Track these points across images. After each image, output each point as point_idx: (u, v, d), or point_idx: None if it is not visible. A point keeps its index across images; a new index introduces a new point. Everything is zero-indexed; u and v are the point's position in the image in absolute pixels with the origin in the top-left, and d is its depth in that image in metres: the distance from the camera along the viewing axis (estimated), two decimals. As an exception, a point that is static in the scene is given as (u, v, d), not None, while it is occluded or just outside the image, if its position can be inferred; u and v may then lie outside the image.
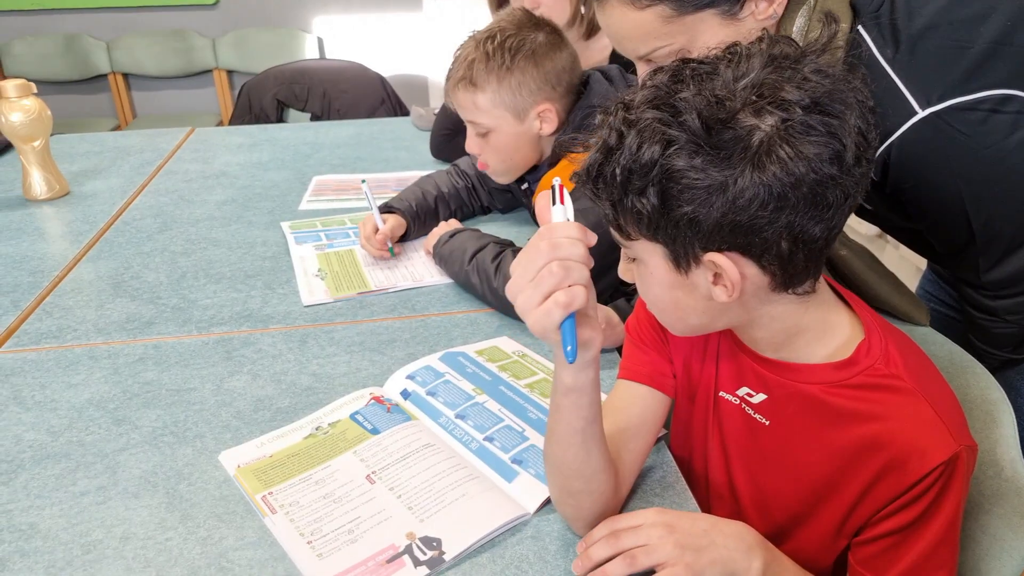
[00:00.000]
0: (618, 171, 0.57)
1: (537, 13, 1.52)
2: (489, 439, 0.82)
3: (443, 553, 0.67)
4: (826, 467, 0.68)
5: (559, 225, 0.57)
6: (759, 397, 0.71)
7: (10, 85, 1.48)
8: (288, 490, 0.75)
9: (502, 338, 1.01)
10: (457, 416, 0.85)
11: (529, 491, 0.74)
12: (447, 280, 1.17)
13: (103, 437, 0.84)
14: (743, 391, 0.73)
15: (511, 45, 1.09)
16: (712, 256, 0.58)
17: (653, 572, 0.62)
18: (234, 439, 0.83)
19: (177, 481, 0.77)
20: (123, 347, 1.02)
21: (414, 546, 0.68)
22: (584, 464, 0.65)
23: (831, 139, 0.55)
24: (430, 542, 0.68)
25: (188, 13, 3.47)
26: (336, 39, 3.57)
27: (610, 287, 1.02)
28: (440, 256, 1.17)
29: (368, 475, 0.76)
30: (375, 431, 0.83)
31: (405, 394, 0.90)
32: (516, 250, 1.10)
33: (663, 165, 0.55)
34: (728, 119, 0.55)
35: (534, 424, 0.83)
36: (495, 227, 1.31)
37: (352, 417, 0.85)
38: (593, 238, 0.58)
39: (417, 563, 0.66)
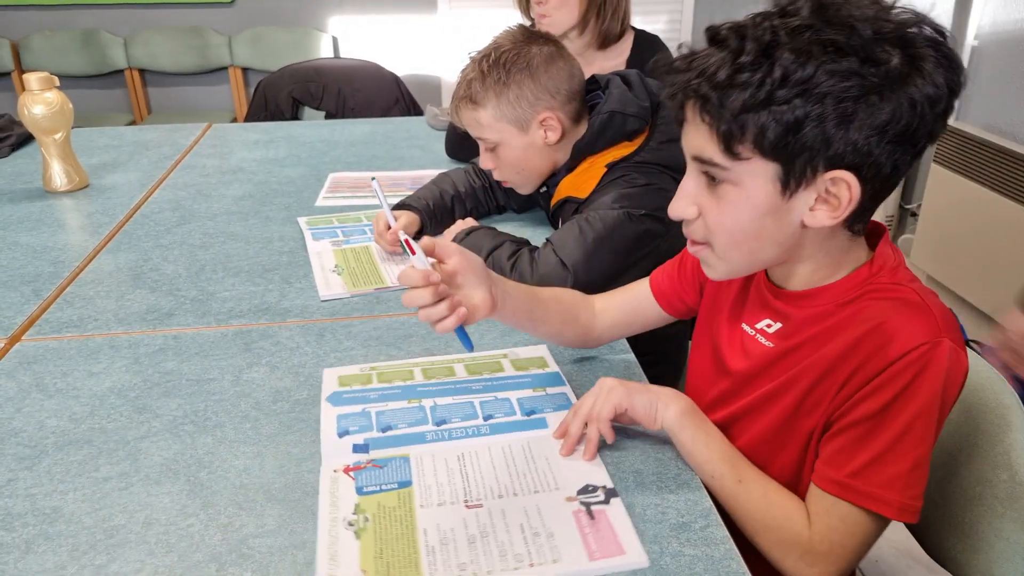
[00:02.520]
0: (768, 81, 0.60)
1: (541, 9, 1.54)
2: (488, 416, 0.84)
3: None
4: (820, 366, 0.71)
5: (410, 272, 0.74)
6: (776, 327, 0.76)
7: (33, 78, 1.50)
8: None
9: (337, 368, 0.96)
10: (437, 424, 0.84)
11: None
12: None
13: (124, 425, 0.85)
14: (763, 323, 0.78)
15: (506, 60, 1.12)
16: (837, 173, 0.63)
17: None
18: (253, 429, 0.84)
19: (198, 469, 0.78)
20: (143, 337, 1.03)
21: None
22: (537, 332, 0.92)
23: (953, 72, 0.61)
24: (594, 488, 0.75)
25: (205, 10, 3.49)
26: (351, 39, 3.59)
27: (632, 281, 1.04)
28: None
29: (465, 502, 0.73)
30: (405, 483, 0.76)
31: (364, 448, 0.80)
32: (532, 249, 1.11)
33: (819, 77, 0.59)
34: (888, 36, 0.59)
35: (490, 389, 0.89)
36: (511, 226, 1.32)
37: (363, 492, 0.75)
38: (436, 277, 0.73)
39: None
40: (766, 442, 0.77)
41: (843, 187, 0.64)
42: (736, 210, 0.67)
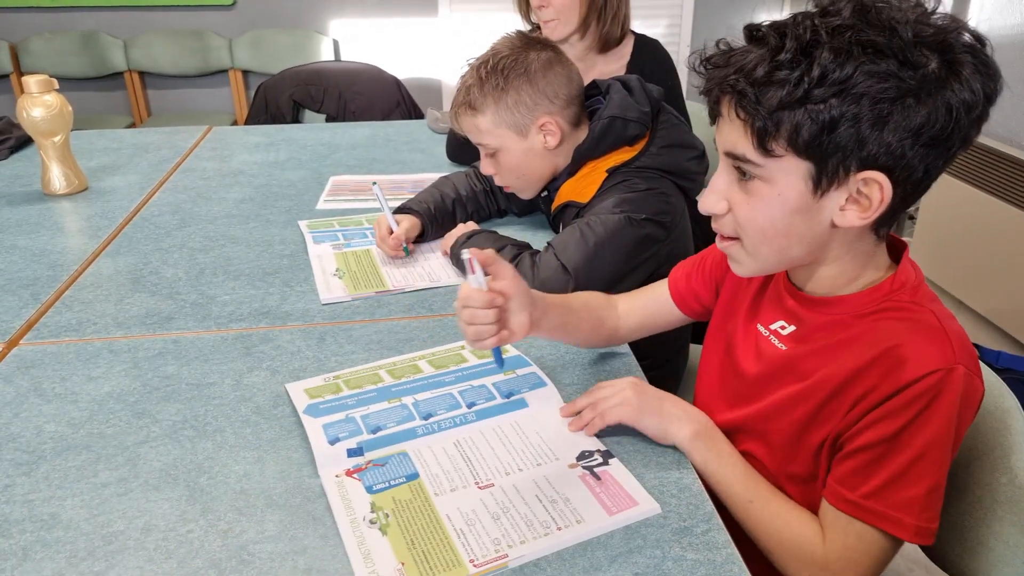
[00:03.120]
0: (806, 80, 0.60)
1: (544, 15, 1.55)
2: (471, 404, 0.86)
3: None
4: (831, 383, 0.71)
5: (472, 293, 0.76)
6: (789, 329, 0.76)
7: (32, 81, 1.50)
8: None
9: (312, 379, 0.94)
10: (424, 418, 0.85)
11: (547, 397, 0.88)
12: (464, 281, 1.18)
13: (123, 430, 0.85)
14: (777, 325, 0.78)
15: (504, 66, 1.13)
16: (870, 174, 0.62)
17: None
18: (254, 434, 0.84)
19: (197, 474, 0.78)
20: (143, 341, 1.03)
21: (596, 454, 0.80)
22: (568, 340, 0.95)
23: (990, 79, 0.62)
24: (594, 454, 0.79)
25: (205, 13, 3.49)
26: (352, 42, 3.59)
27: (633, 286, 1.04)
28: (457, 257, 1.18)
29: (476, 484, 0.76)
30: (413, 476, 0.77)
31: (359, 451, 0.80)
32: (533, 253, 1.11)
33: (856, 77, 0.59)
34: (928, 40, 0.59)
35: (463, 379, 0.92)
36: (512, 230, 1.32)
37: (373, 491, 0.75)
38: (499, 301, 0.76)
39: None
40: (776, 451, 0.77)
41: (875, 188, 0.63)
42: (767, 207, 0.67)
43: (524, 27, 1.67)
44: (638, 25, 1.71)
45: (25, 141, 1.86)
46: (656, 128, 1.17)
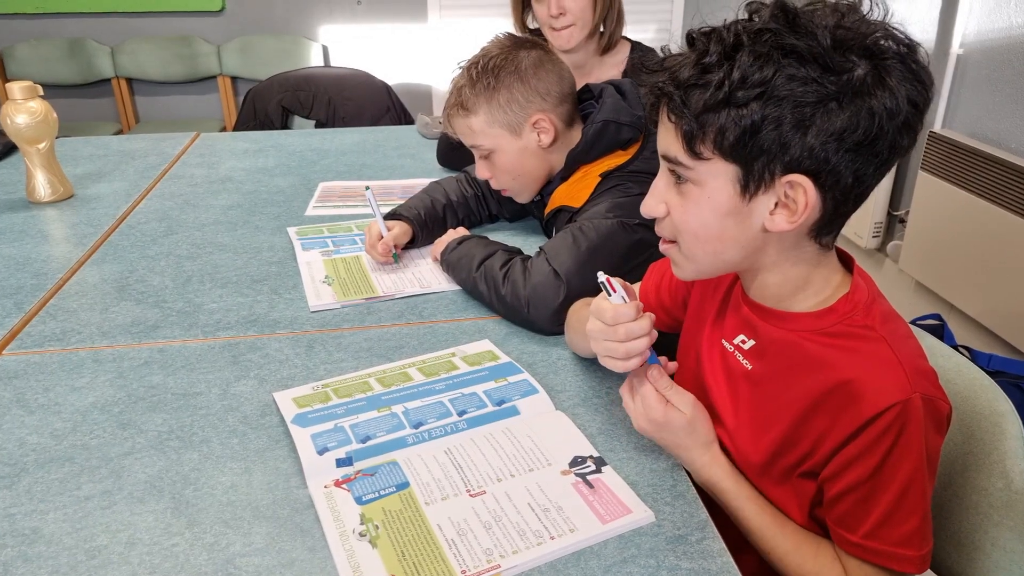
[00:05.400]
0: (727, 83, 0.60)
1: (561, 22, 1.56)
2: (462, 412, 0.85)
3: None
4: (792, 411, 0.70)
5: (623, 309, 0.73)
6: (750, 343, 0.76)
7: (16, 87, 1.48)
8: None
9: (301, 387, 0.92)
10: (415, 427, 0.84)
11: (538, 404, 0.87)
12: (454, 287, 1.17)
13: (108, 441, 0.83)
14: (739, 339, 0.77)
15: (494, 66, 1.12)
16: (793, 177, 0.62)
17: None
18: (241, 445, 0.82)
19: (183, 486, 0.76)
20: (128, 350, 1.01)
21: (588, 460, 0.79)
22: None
23: (919, 86, 0.61)
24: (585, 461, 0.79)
25: (193, 19, 3.48)
26: (341, 48, 3.59)
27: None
28: (448, 263, 1.17)
29: (467, 492, 0.75)
30: (403, 486, 0.76)
31: (348, 461, 0.79)
32: (524, 258, 1.10)
33: (777, 80, 0.59)
34: (853, 45, 0.59)
35: (454, 387, 0.90)
36: (503, 235, 1.31)
37: (363, 501, 0.74)
38: (647, 316, 0.74)
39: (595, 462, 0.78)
40: (754, 477, 0.76)
41: (800, 191, 0.63)
42: (699, 209, 0.67)
43: (517, 34, 1.67)
44: (627, 29, 1.71)
45: (10, 148, 1.84)
46: (649, 132, 1.16)
